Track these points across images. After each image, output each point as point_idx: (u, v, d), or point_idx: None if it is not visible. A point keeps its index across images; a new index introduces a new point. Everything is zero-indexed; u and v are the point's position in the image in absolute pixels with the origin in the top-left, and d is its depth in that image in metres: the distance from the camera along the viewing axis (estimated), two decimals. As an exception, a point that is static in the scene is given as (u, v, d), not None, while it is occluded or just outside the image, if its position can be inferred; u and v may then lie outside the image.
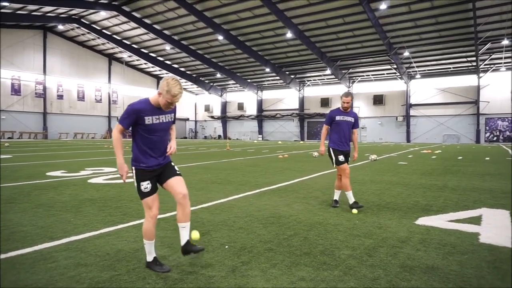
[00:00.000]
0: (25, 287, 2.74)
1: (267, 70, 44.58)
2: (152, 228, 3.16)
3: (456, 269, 3.15)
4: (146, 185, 3.13)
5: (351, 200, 5.42)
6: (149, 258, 3.15)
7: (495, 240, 3.95)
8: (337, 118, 5.57)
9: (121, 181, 8.11)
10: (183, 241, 3.22)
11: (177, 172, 3.30)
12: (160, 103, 3.07)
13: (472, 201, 6.14)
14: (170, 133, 3.36)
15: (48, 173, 9.35)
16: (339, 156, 5.52)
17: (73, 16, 39.60)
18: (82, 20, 40.54)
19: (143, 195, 3.15)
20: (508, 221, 4.82)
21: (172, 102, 3.05)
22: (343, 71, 43.84)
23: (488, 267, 3.20)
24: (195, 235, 3.24)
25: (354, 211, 5.19)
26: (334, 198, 5.72)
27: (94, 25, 41.60)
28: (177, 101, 3.07)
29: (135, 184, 3.18)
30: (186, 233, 3.22)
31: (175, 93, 2.99)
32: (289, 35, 34.27)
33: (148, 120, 3.05)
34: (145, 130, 3.07)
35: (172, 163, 3.33)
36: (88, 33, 43.25)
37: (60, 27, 41.93)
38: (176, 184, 3.23)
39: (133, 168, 3.17)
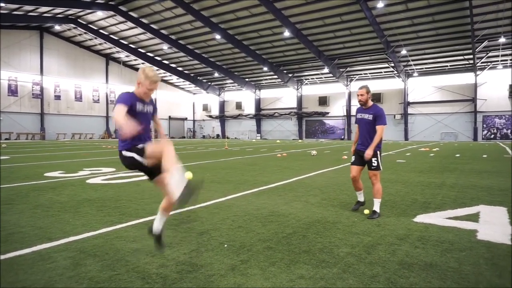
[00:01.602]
0: (24, 287, 2.74)
1: (265, 69, 44.58)
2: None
3: (454, 266, 3.16)
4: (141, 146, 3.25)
5: (360, 198, 5.34)
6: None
7: (493, 237, 3.96)
8: (357, 116, 5.32)
9: (120, 181, 8.11)
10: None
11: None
12: (141, 94, 3.27)
13: (469, 199, 6.16)
14: (157, 128, 3.65)
15: (46, 174, 9.33)
16: (352, 157, 5.34)
17: (70, 16, 39.47)
18: (79, 20, 40.43)
19: (141, 151, 3.21)
20: (505, 218, 4.84)
21: (151, 89, 3.24)
22: (341, 70, 43.89)
23: (486, 264, 3.22)
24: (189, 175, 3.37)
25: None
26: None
27: (91, 25, 41.48)
28: (156, 87, 3.27)
29: (136, 158, 3.19)
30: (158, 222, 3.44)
31: (151, 75, 3.20)
32: (286, 34, 34.27)
33: (138, 107, 3.24)
34: (135, 116, 3.20)
35: None
36: (85, 33, 43.13)
37: (57, 27, 41.78)
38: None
39: (127, 151, 3.20)
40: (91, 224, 4.48)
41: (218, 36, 36.98)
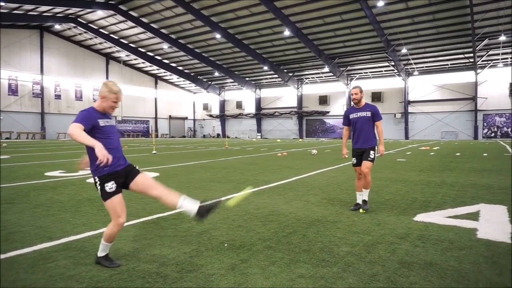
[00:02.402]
0: (24, 287, 2.74)
1: (265, 68, 44.57)
2: (115, 234, 3.18)
3: (454, 264, 3.17)
4: (111, 185, 3.11)
5: (359, 200, 5.33)
6: (102, 254, 3.18)
7: (493, 236, 3.97)
8: (351, 116, 5.35)
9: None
10: (194, 211, 3.21)
11: (139, 170, 3.35)
12: (105, 108, 3.25)
13: (470, 197, 6.16)
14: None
15: (46, 173, 9.34)
16: (352, 159, 5.41)
17: (70, 16, 39.46)
18: (79, 19, 40.42)
19: (108, 195, 3.10)
20: (505, 216, 4.84)
21: (116, 101, 3.25)
22: (341, 69, 43.85)
23: (486, 262, 3.22)
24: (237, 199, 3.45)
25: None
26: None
27: (91, 25, 41.48)
28: (120, 100, 3.28)
29: (99, 191, 3.14)
30: (190, 205, 3.24)
31: (115, 89, 3.22)
32: (286, 33, 34.25)
33: (102, 122, 3.19)
34: (101, 132, 3.15)
35: (133, 164, 3.37)
36: (85, 32, 43.13)
37: (57, 26, 41.77)
38: (147, 182, 3.28)
39: (96, 177, 3.14)
40: (92, 224, 4.49)
41: (218, 35, 36.96)
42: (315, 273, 2.98)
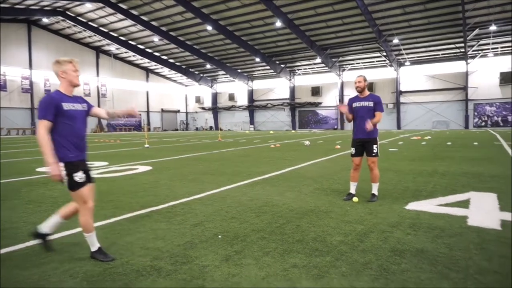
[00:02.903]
0: (17, 282, 2.73)
1: (257, 60, 44.37)
2: (90, 221, 3.16)
3: (445, 251, 3.22)
4: (81, 175, 3.07)
5: (352, 190, 5.39)
6: (94, 248, 3.16)
7: (483, 223, 4.03)
8: (354, 105, 5.36)
9: (113, 175, 8.07)
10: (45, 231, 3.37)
11: (93, 179, 3.32)
12: (71, 82, 3.18)
13: (460, 185, 6.24)
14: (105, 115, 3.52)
15: (38, 169, 9.24)
16: (351, 148, 5.41)
17: (58, 9, 38.75)
18: (67, 12, 39.73)
19: (78, 185, 3.05)
20: (495, 203, 4.92)
21: (76, 69, 3.17)
22: (333, 60, 43.84)
23: (476, 249, 3.27)
24: None
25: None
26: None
27: (79, 18, 40.81)
28: (78, 68, 3.21)
29: (65, 178, 3.05)
30: (49, 226, 3.37)
31: (68, 59, 3.15)
32: (278, 24, 34.06)
33: (66, 106, 3.08)
34: (66, 117, 3.05)
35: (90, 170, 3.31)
36: (74, 25, 42.44)
37: (45, 20, 41.00)
38: (91, 195, 3.25)
39: (62, 163, 3.02)
40: (85, 218, 4.46)
41: (209, 27, 36.63)
42: (308, 262, 3.01)
